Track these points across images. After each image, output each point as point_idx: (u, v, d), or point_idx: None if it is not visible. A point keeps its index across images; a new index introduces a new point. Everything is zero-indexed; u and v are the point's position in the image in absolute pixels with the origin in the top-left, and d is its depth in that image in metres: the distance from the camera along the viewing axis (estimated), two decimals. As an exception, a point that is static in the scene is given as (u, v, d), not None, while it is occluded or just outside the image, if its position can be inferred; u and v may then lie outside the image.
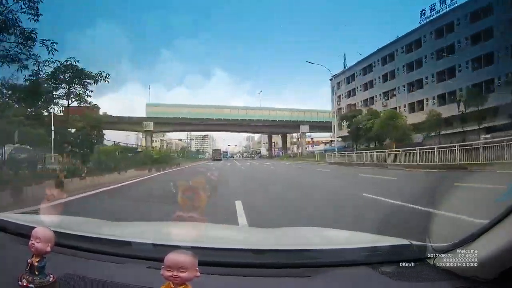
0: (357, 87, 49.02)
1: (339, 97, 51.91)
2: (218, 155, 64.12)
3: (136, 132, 60.22)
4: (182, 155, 52.54)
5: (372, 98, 45.72)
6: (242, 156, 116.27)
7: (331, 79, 52.22)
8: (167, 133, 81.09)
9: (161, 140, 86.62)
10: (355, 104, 48.60)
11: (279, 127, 62.67)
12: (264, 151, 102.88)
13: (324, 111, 61.51)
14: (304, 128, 61.03)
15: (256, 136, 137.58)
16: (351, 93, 50.63)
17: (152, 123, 53.06)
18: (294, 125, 61.31)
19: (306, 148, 66.96)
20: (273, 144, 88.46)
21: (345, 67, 52.45)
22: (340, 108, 50.61)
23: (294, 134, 79.15)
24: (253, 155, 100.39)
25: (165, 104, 59.67)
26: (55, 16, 66.25)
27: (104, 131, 24.53)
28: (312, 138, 77.20)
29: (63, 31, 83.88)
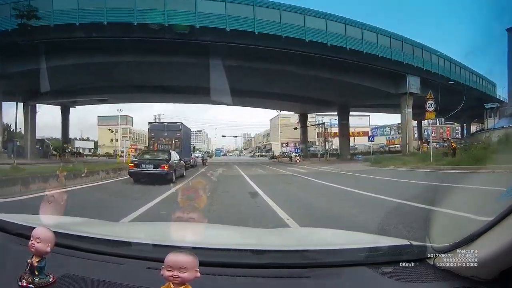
0: None
1: None
2: (161, 155, 11.57)
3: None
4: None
5: None
6: (239, 155, 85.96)
7: None
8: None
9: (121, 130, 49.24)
10: None
11: (338, 72, 23.37)
12: (273, 148, 64.19)
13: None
14: (413, 84, 25.27)
15: (254, 133, 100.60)
16: None
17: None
18: (386, 72, 24.31)
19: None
20: (282, 141, 53.56)
21: None
22: None
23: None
24: (294, 152, 40.97)
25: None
26: None
27: None
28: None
29: None
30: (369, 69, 23.26)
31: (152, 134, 18.25)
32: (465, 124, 43.68)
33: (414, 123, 39.05)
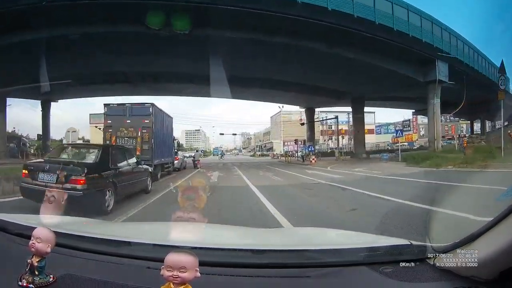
0: None
1: None
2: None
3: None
4: None
5: None
6: (237, 154, 79.26)
7: None
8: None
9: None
10: None
11: (363, 52, 19.32)
12: (274, 147, 61.34)
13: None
14: (442, 70, 21.95)
15: (252, 131, 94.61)
16: None
17: None
18: (414, 56, 20.77)
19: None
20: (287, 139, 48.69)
21: None
22: None
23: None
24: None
25: None
26: None
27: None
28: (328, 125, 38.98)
29: None
30: (398, 51, 19.97)
31: (109, 121, 11.70)
32: (474, 121, 41.30)
33: (420, 119, 36.83)
